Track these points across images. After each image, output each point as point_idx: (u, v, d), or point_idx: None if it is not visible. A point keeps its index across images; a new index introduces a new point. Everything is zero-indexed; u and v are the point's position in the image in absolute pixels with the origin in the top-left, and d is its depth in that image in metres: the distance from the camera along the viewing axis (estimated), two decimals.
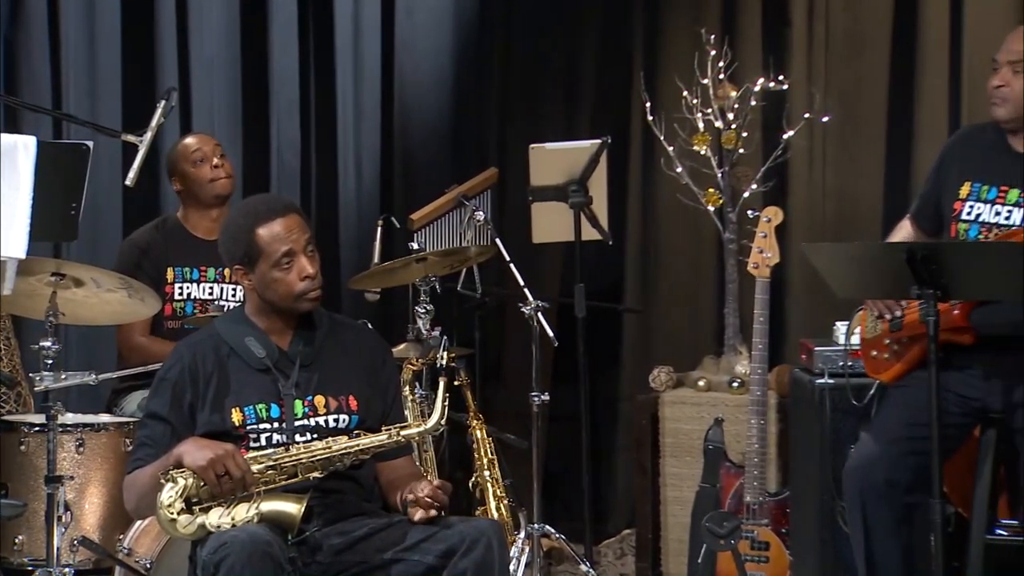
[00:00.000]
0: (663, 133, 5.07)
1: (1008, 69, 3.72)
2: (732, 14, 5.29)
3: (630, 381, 5.45)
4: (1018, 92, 3.71)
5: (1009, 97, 3.72)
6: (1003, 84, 3.73)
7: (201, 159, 4.58)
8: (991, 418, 3.79)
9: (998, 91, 3.74)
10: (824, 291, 3.94)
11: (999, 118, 3.77)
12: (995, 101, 3.75)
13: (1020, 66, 3.70)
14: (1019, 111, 3.73)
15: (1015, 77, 3.71)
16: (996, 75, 3.76)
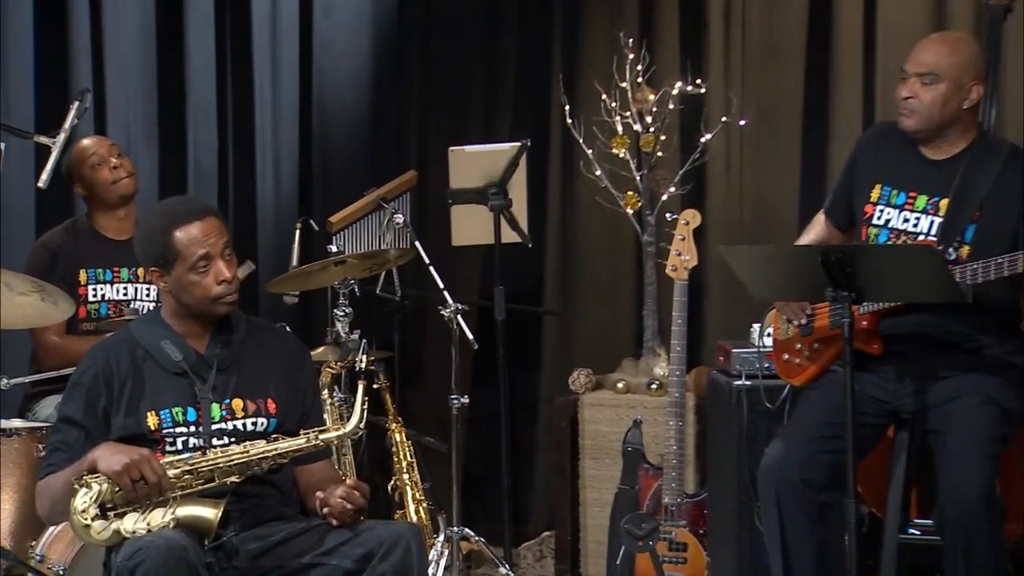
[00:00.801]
0: (582, 136, 5.08)
1: (916, 80, 3.74)
2: (650, 18, 5.32)
3: (549, 383, 5.46)
4: (926, 103, 3.73)
5: (917, 108, 3.74)
6: (911, 95, 3.74)
7: (99, 162, 4.53)
8: (904, 419, 3.84)
9: (906, 102, 3.75)
10: (741, 293, 3.97)
11: (907, 129, 3.78)
12: (903, 112, 3.77)
13: (928, 78, 3.72)
14: (928, 122, 3.75)
15: (923, 89, 3.73)
16: (904, 85, 3.77)
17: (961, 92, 3.73)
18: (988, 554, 3.57)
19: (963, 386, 3.71)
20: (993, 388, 3.70)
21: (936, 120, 3.74)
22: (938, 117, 3.73)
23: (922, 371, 3.76)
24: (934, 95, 3.72)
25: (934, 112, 3.73)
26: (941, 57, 3.73)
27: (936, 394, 3.74)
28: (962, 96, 3.73)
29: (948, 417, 3.69)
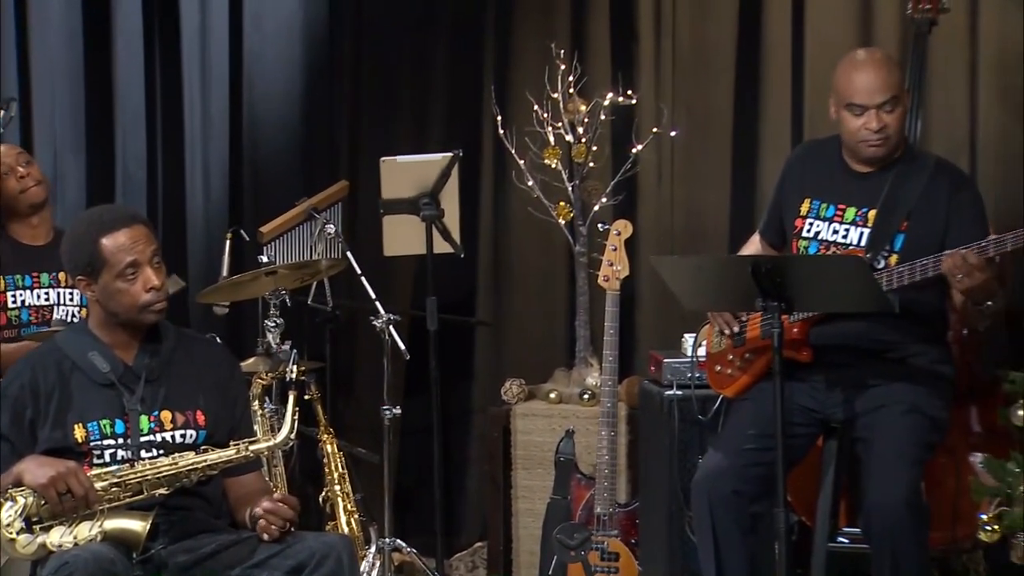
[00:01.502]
0: (514, 147, 5.09)
1: (878, 111, 3.72)
2: (581, 29, 5.34)
3: (482, 394, 5.45)
4: (897, 129, 3.76)
5: (891, 135, 3.76)
6: (883, 126, 3.73)
7: (6, 171, 4.47)
8: (833, 428, 3.87)
9: (879, 134, 3.74)
10: (673, 303, 3.99)
11: (879, 157, 3.79)
12: (876, 144, 3.75)
13: (891, 103, 3.74)
14: (897, 145, 3.79)
15: (889, 115, 3.74)
16: (866, 118, 3.73)
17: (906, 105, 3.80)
18: (914, 560, 3.61)
19: (890, 395, 3.75)
20: (919, 397, 3.74)
21: (902, 138, 3.80)
22: (903, 135, 3.81)
23: (850, 380, 3.80)
24: (899, 116, 3.76)
25: (901, 132, 3.80)
26: (893, 79, 3.76)
27: (864, 403, 3.78)
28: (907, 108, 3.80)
29: (875, 425, 3.73)
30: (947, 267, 3.53)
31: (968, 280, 3.52)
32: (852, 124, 3.77)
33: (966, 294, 3.59)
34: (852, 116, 3.76)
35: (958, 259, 3.51)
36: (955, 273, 3.52)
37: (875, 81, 3.75)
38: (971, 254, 3.51)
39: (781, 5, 5.18)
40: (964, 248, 3.53)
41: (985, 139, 5.07)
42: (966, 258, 3.51)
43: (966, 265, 3.50)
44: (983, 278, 3.52)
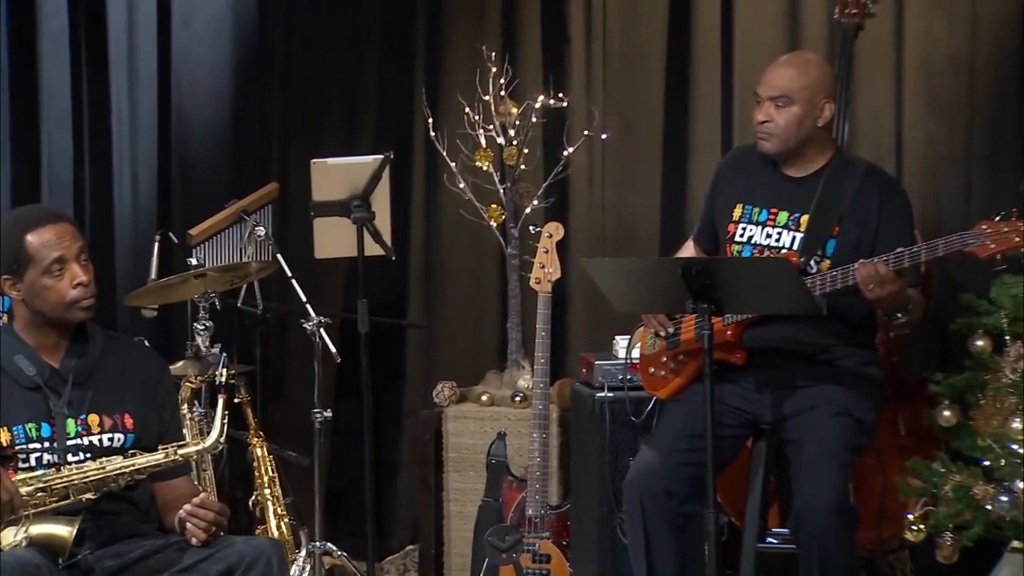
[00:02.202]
0: (445, 149, 5.09)
1: (770, 104, 3.81)
2: (512, 32, 5.34)
3: (414, 396, 5.44)
4: (782, 126, 3.81)
5: (774, 131, 3.82)
6: (767, 119, 3.82)
7: None
8: (763, 430, 3.89)
9: (763, 126, 3.82)
10: (604, 306, 4.00)
11: (767, 151, 3.86)
12: (761, 136, 3.84)
13: (782, 100, 3.80)
14: (785, 144, 3.83)
15: (778, 112, 3.80)
16: (759, 110, 3.84)
17: (814, 111, 3.81)
18: (842, 560, 3.64)
19: (819, 397, 3.78)
20: (848, 399, 3.78)
21: (793, 141, 3.82)
22: (795, 138, 3.82)
23: (780, 382, 3.83)
24: (788, 117, 3.80)
25: (790, 133, 3.81)
26: (791, 79, 3.81)
27: (793, 405, 3.81)
28: (815, 115, 3.82)
29: (804, 427, 3.76)
30: (860, 276, 3.57)
31: (878, 290, 3.56)
32: (753, 114, 3.86)
33: (875, 304, 3.63)
34: (755, 105, 3.84)
35: (871, 269, 3.55)
36: (867, 283, 3.56)
37: (774, 75, 3.83)
38: (881, 265, 3.55)
39: (710, 8, 5.21)
40: (876, 259, 3.57)
41: (911, 142, 5.13)
42: (878, 268, 3.54)
43: (877, 276, 3.54)
44: (892, 290, 3.56)
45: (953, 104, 5.11)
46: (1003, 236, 3.47)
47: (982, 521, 3.95)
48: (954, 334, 4.34)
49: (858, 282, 3.58)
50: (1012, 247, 3.50)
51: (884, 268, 3.55)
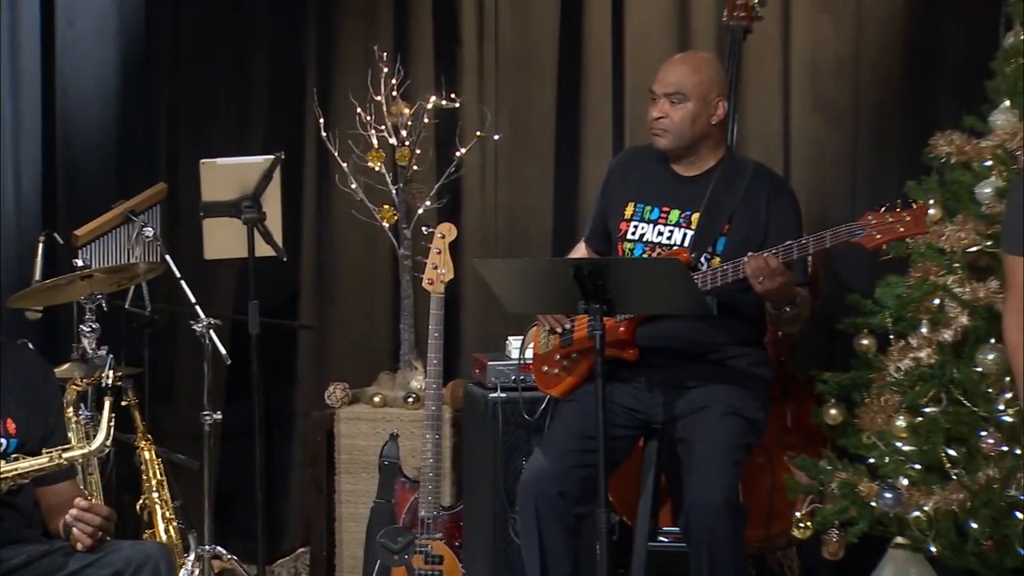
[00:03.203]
0: (337, 149, 5.06)
1: (665, 101, 3.86)
2: (404, 32, 5.32)
3: (305, 398, 5.40)
4: (677, 122, 3.85)
5: (669, 128, 3.86)
6: (662, 116, 3.86)
7: None
8: (654, 429, 3.92)
9: (658, 123, 3.87)
10: (497, 306, 4.01)
11: (662, 148, 3.90)
12: (656, 132, 3.88)
13: (676, 97, 3.85)
14: (680, 140, 3.87)
15: (673, 108, 3.85)
16: (654, 106, 3.88)
17: (708, 108, 3.86)
18: (731, 557, 3.67)
19: (710, 396, 3.82)
20: (738, 398, 3.82)
21: (688, 137, 3.86)
22: (689, 134, 3.86)
23: (672, 381, 3.86)
24: (683, 113, 3.84)
25: (685, 130, 3.85)
26: (685, 76, 3.85)
27: (684, 404, 3.84)
28: (709, 112, 3.86)
29: (695, 426, 3.79)
30: (750, 269, 3.61)
31: (768, 283, 3.60)
32: (648, 111, 3.90)
33: (764, 297, 3.67)
34: (649, 102, 3.88)
35: (760, 262, 3.60)
36: (756, 276, 3.60)
37: (668, 72, 3.88)
38: (772, 257, 3.60)
39: (601, 11, 5.25)
40: (766, 251, 3.62)
41: (798, 143, 5.21)
42: (768, 261, 3.59)
43: (767, 268, 3.59)
44: (781, 282, 3.60)
45: (839, 105, 5.21)
46: (888, 227, 3.54)
47: (867, 518, 4.01)
48: (840, 334, 4.41)
49: (748, 275, 3.62)
50: (896, 237, 3.56)
51: (774, 260, 3.60)
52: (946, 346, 3.99)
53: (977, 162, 4.06)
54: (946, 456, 3.92)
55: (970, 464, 3.88)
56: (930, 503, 3.86)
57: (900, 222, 3.53)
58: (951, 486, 3.86)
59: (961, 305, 3.97)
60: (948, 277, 4.02)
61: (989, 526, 3.80)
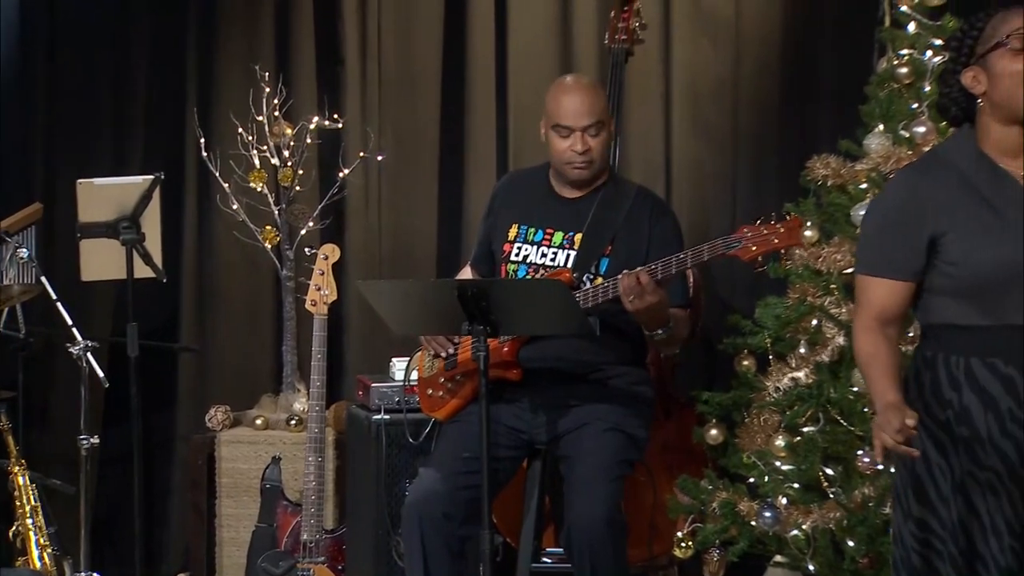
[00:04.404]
0: (218, 169, 5.01)
1: (583, 133, 3.84)
2: (286, 52, 5.29)
3: (186, 421, 5.33)
4: (600, 152, 3.88)
5: (596, 158, 3.87)
6: (587, 148, 3.85)
7: None
8: (538, 450, 3.93)
9: (584, 156, 3.85)
10: (381, 328, 3.99)
11: (585, 179, 3.90)
12: (581, 166, 3.87)
13: (595, 128, 3.85)
14: (603, 167, 3.91)
15: (594, 139, 3.86)
16: (573, 140, 3.85)
17: (611, 132, 3.92)
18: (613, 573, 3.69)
19: (591, 414, 3.84)
20: (619, 416, 3.84)
21: (607, 163, 3.91)
22: (607, 160, 3.92)
23: (554, 401, 3.87)
24: (603, 140, 3.88)
25: (606, 157, 3.91)
26: (598, 104, 3.88)
27: (567, 423, 3.85)
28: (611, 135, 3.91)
29: (577, 443, 3.81)
30: (622, 287, 3.64)
31: (638, 302, 3.62)
32: (559, 145, 3.88)
33: (636, 317, 3.69)
34: (560, 138, 3.87)
35: (632, 279, 3.62)
36: (627, 294, 3.63)
37: (582, 105, 3.86)
38: (644, 274, 3.62)
39: (484, 32, 5.27)
40: (640, 268, 3.64)
41: (679, 164, 5.28)
42: (639, 278, 3.62)
43: (638, 286, 3.61)
44: (652, 302, 3.62)
45: (718, 128, 5.28)
46: (763, 238, 3.58)
47: (747, 537, 4.06)
48: (721, 354, 4.46)
49: (620, 293, 3.64)
50: (772, 248, 3.60)
51: (645, 277, 3.61)
52: (823, 366, 4.05)
53: (853, 185, 4.14)
54: (824, 475, 3.98)
55: (847, 483, 3.95)
56: (808, 522, 3.92)
57: (775, 234, 3.58)
58: (828, 504, 3.93)
59: (837, 326, 4.04)
60: (825, 298, 4.10)
61: (865, 544, 3.86)
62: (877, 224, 2.99)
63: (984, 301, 2.85)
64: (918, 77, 4.15)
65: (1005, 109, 2.87)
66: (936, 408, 2.89)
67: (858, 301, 3.00)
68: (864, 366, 2.95)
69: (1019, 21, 2.85)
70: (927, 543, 2.91)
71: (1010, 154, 2.90)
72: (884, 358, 2.89)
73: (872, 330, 2.93)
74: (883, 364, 2.89)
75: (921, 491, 2.91)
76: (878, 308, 2.94)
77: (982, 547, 2.86)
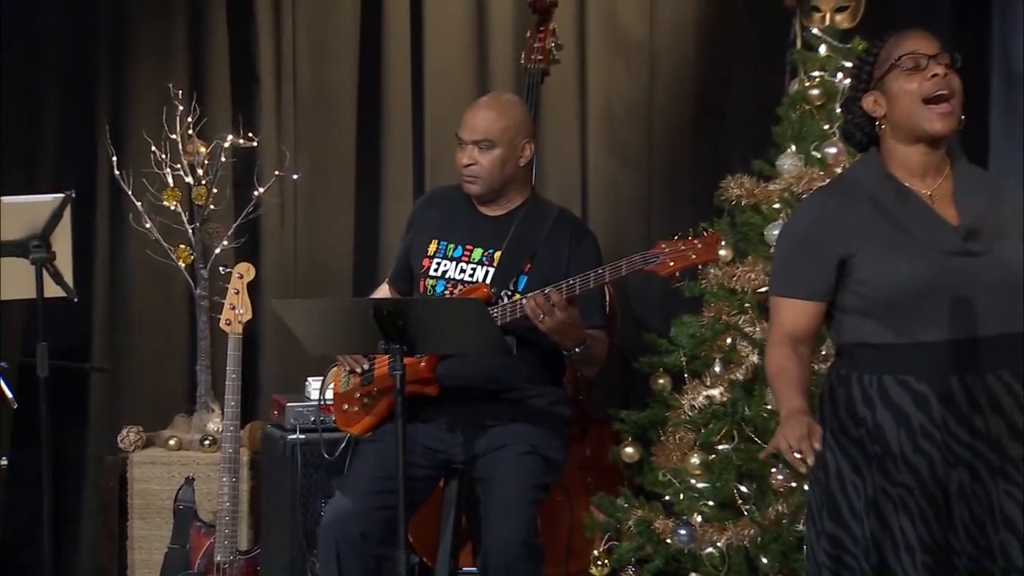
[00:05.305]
0: (131, 188, 4.96)
1: (474, 148, 3.88)
2: (200, 70, 5.24)
3: (98, 442, 5.25)
4: (487, 168, 3.88)
5: (479, 174, 3.89)
6: (472, 163, 3.89)
7: None
8: (455, 469, 3.93)
9: (468, 169, 3.89)
10: (296, 347, 3.97)
11: (473, 194, 3.92)
12: (467, 179, 3.90)
13: (485, 144, 3.87)
14: (491, 184, 3.90)
15: (482, 154, 3.88)
16: (463, 152, 3.90)
17: (515, 152, 3.91)
18: None
19: (509, 435, 3.84)
20: (536, 437, 3.85)
21: (498, 181, 3.90)
22: (499, 179, 3.90)
23: (471, 420, 3.87)
24: (492, 159, 3.87)
25: (495, 175, 3.89)
26: (492, 123, 3.89)
27: (484, 443, 3.85)
28: (517, 155, 3.91)
29: (494, 465, 3.81)
30: (530, 307, 3.65)
31: (549, 320, 3.63)
32: (456, 156, 3.93)
33: (550, 335, 3.70)
34: (458, 148, 3.91)
35: (541, 298, 3.63)
36: (536, 313, 3.64)
37: (473, 119, 3.91)
38: (554, 292, 3.63)
39: (400, 51, 5.27)
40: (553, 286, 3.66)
41: (595, 185, 5.32)
42: (549, 296, 3.63)
43: (547, 304, 3.63)
44: (563, 318, 3.63)
45: (633, 148, 5.33)
46: (681, 254, 3.61)
47: (662, 554, 4.09)
48: (637, 372, 4.49)
49: (528, 312, 3.65)
50: (690, 264, 3.62)
51: (556, 295, 3.63)
52: (737, 384, 4.10)
53: (766, 205, 4.19)
54: (738, 492, 4.02)
55: (761, 500, 3.99)
56: (723, 539, 3.95)
57: (692, 249, 3.60)
58: (743, 522, 3.96)
59: (752, 344, 4.08)
60: (739, 317, 4.14)
61: (779, 560, 3.90)
62: (788, 246, 3.04)
63: (895, 319, 2.89)
64: (829, 99, 4.22)
65: (905, 128, 2.94)
66: (850, 425, 2.93)
67: (771, 320, 3.05)
68: (772, 378, 2.98)
69: (911, 43, 2.93)
70: (839, 560, 2.95)
71: (915, 173, 2.96)
72: (792, 371, 2.93)
73: (783, 346, 2.97)
74: (791, 377, 2.92)
75: (834, 508, 2.94)
76: (790, 327, 2.98)
77: (894, 563, 2.90)
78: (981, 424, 2.88)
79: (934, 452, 2.87)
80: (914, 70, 2.91)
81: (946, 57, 2.93)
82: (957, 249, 2.89)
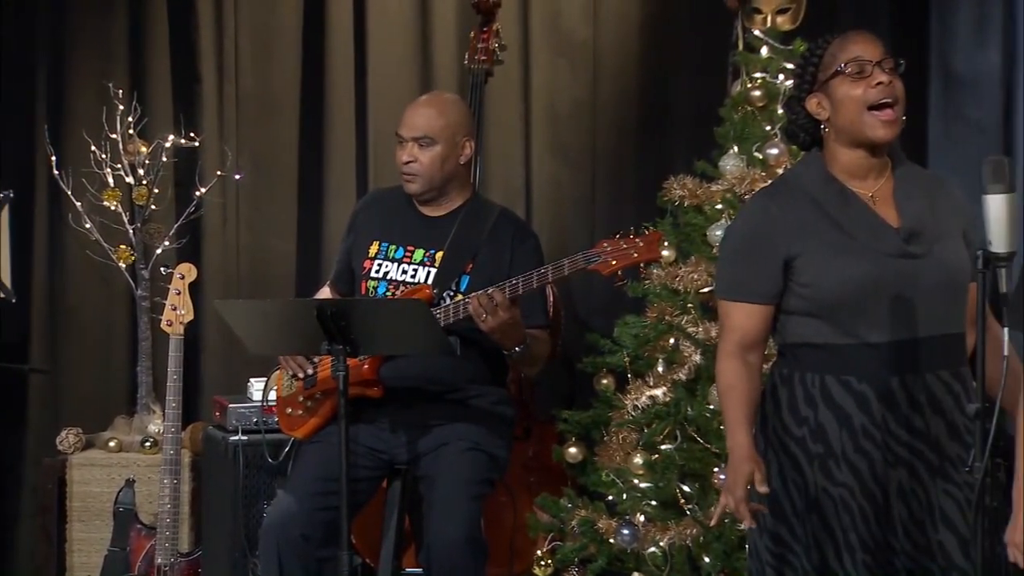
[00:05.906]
0: (70, 188, 4.91)
1: (414, 144, 3.88)
2: (141, 69, 5.20)
3: (36, 444, 5.20)
4: (426, 166, 3.88)
5: (419, 172, 3.88)
6: (412, 160, 3.88)
7: None
8: (398, 470, 3.92)
9: (408, 167, 3.88)
10: (238, 348, 3.95)
11: (413, 192, 3.92)
12: (407, 177, 3.90)
13: (424, 141, 3.87)
14: (431, 184, 3.90)
15: (421, 152, 3.88)
16: (403, 150, 3.90)
17: (456, 150, 3.90)
18: None
19: (451, 433, 3.84)
20: (480, 435, 3.85)
21: (438, 179, 3.89)
22: (439, 177, 3.89)
23: (414, 420, 3.87)
24: (432, 156, 3.87)
25: (434, 173, 3.88)
26: (432, 120, 3.88)
27: (427, 443, 3.85)
28: (457, 153, 3.91)
29: (437, 463, 3.80)
30: (472, 309, 3.65)
31: (492, 320, 3.64)
32: (396, 154, 3.92)
33: (492, 335, 3.71)
34: (398, 146, 3.91)
35: (484, 298, 3.63)
36: (479, 313, 3.64)
37: (414, 116, 3.91)
38: (497, 292, 3.64)
39: (343, 51, 5.25)
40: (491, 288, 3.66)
41: (539, 185, 5.33)
42: (492, 297, 3.63)
43: (490, 304, 3.63)
44: (504, 319, 3.64)
45: (577, 149, 5.34)
46: (623, 252, 3.61)
47: (606, 554, 4.10)
48: (580, 373, 4.50)
49: (471, 312, 3.65)
50: (632, 262, 3.63)
51: (499, 295, 3.63)
52: (680, 384, 4.11)
53: (709, 205, 4.21)
54: (681, 492, 4.03)
55: (703, 500, 4.00)
56: (665, 538, 3.97)
57: (634, 248, 3.61)
58: (685, 521, 3.98)
59: (695, 344, 4.10)
60: (682, 317, 4.16)
61: (721, 560, 3.92)
62: (733, 249, 3.05)
63: (838, 320, 2.91)
64: (771, 100, 4.25)
65: (848, 133, 2.96)
66: (792, 425, 2.95)
67: (721, 325, 3.06)
68: (722, 395, 3.00)
69: (856, 48, 2.94)
70: (782, 557, 2.97)
71: (857, 176, 2.98)
72: (741, 391, 2.95)
73: (734, 356, 2.98)
74: (740, 398, 2.94)
75: (776, 506, 2.96)
76: (740, 332, 2.99)
77: (835, 564, 2.92)
78: (921, 424, 2.90)
79: (875, 452, 2.90)
80: (859, 76, 2.93)
81: (890, 62, 2.94)
82: (899, 251, 2.92)
